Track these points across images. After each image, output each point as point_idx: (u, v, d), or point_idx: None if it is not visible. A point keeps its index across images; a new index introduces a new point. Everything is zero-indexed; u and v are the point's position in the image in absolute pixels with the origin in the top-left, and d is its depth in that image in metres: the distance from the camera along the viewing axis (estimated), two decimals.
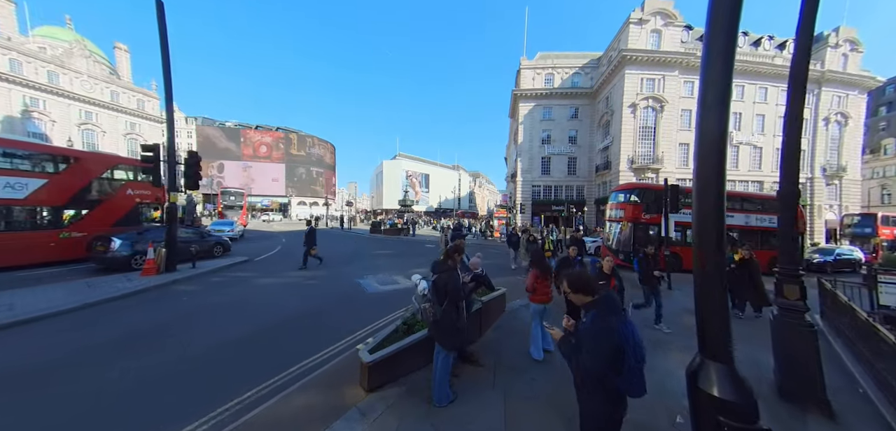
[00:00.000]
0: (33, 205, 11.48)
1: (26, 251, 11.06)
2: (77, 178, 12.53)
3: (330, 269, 12.10)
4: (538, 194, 42.28)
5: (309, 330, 5.94)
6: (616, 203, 15.61)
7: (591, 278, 2.22)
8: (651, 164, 33.56)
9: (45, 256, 11.44)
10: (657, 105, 33.36)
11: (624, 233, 14.25)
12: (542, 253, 5.44)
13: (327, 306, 7.43)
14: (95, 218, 12.80)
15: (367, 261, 14.19)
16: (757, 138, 38.01)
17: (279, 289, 9.07)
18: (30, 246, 11.12)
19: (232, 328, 6.14)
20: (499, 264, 14.41)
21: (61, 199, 12.09)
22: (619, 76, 33.50)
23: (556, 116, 41.17)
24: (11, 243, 10.65)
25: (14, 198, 10.92)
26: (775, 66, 36.52)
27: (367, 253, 16.62)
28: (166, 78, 10.88)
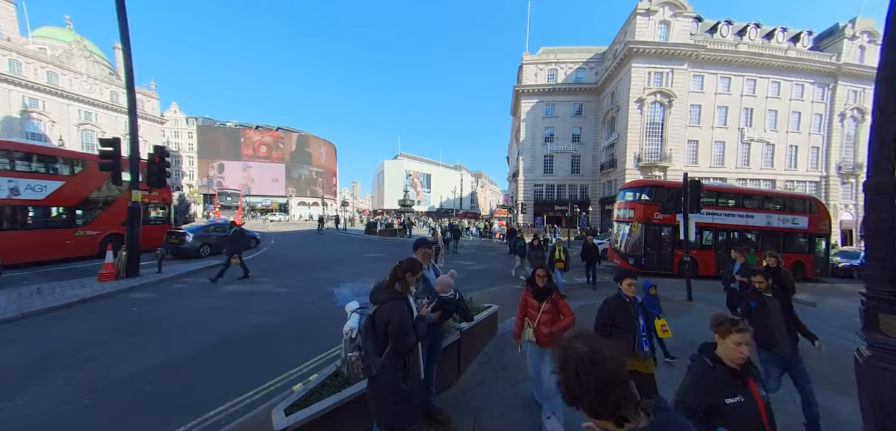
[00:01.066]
0: (51, 205, 12.29)
1: (45, 248, 11.78)
2: (90, 180, 13.13)
3: (307, 275, 11.04)
4: (541, 193, 41.02)
5: (247, 358, 4.86)
6: (625, 202, 14.38)
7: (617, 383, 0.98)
8: (658, 162, 32.21)
9: (62, 253, 12.17)
10: (665, 100, 31.99)
11: (634, 236, 13.02)
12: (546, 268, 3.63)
13: (285, 323, 6.34)
14: (107, 217, 13.58)
15: (351, 266, 13.09)
16: (769, 135, 36.47)
17: (241, 300, 8.01)
18: (48, 244, 11.77)
19: (165, 348, 5.15)
20: (497, 270, 13.26)
21: (76, 200, 12.84)
22: (626, 70, 32.17)
23: (559, 113, 39.91)
24: (32, 240, 11.50)
25: (35, 199, 11.75)
26: (789, 60, 34.99)
27: (355, 257, 15.52)
28: (127, 60, 9.85)
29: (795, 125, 37.00)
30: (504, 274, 12.15)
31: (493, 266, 13.92)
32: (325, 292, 8.62)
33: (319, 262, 14.13)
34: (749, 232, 13.88)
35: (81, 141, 59.42)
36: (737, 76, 34.44)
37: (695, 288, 9.34)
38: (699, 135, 34.45)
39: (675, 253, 12.84)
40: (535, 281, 3.45)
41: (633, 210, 13.20)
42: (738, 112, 35.19)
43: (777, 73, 35.41)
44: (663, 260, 12.78)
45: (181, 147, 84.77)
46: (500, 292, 9.12)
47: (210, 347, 5.21)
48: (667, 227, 12.88)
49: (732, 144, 35.62)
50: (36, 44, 62.39)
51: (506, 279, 11.15)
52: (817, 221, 14.83)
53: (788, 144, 37.15)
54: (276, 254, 16.53)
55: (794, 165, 37.39)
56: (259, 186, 79.21)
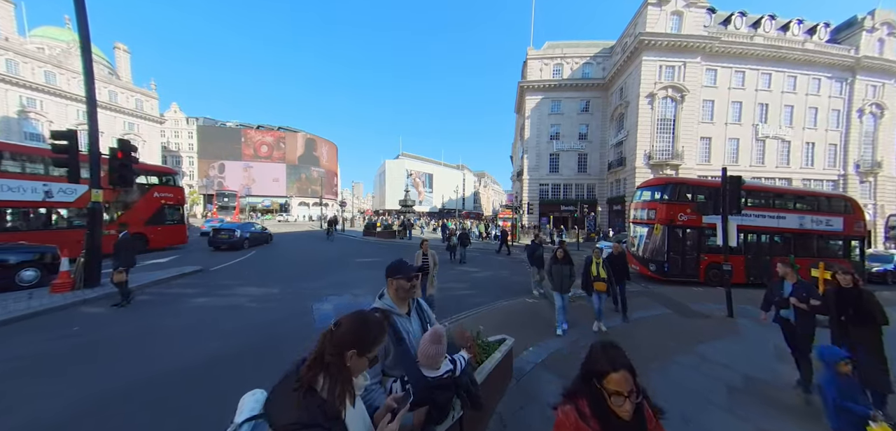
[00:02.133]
0: (80, 206, 12.81)
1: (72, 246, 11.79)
2: None
3: (292, 284, 9.87)
4: (546, 193, 39.73)
5: (173, 407, 3.65)
6: (643, 202, 13.10)
7: None
8: (670, 160, 30.83)
9: None
10: (677, 95, 30.61)
11: (654, 239, 11.74)
12: None
13: (243, 351, 5.15)
14: (130, 217, 13.89)
15: (342, 273, 11.90)
16: (785, 131, 34.99)
17: (206, 315, 6.86)
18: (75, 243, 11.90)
19: (84, 385, 4.08)
20: (504, 279, 11.99)
21: None
22: (636, 64, 30.82)
23: (565, 110, 38.58)
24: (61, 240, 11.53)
25: (66, 201, 12.75)
26: (806, 52, 33.49)
27: (348, 262, 14.34)
28: (82, 26, 8.73)
29: (812, 121, 35.49)
30: (513, 283, 10.88)
31: (499, 273, 12.67)
32: (303, 307, 7.44)
33: (310, 267, 13.02)
34: (780, 234, 12.59)
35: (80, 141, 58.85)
36: (751, 70, 33.00)
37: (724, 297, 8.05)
38: (712, 132, 33.02)
39: (701, 259, 11.57)
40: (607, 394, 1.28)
41: (654, 210, 11.92)
42: (752, 107, 33.75)
43: (793, 67, 33.92)
44: (688, 266, 11.51)
45: (181, 147, 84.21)
46: (512, 310, 7.65)
47: (137, 384, 4.06)
48: (692, 230, 11.61)
49: (747, 141, 34.18)
50: (34, 43, 61.94)
51: (515, 289, 9.92)
52: (852, 222, 13.52)
53: (804, 141, 35.65)
54: (268, 256, 15.59)
55: (810, 163, 35.88)
56: (260, 186, 78.50)
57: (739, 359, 5.09)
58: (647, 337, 5.97)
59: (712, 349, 5.39)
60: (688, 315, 7.60)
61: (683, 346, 5.51)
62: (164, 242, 16.05)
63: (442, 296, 8.47)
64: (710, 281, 11.55)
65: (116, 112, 63.74)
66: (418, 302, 2.08)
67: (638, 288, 10.77)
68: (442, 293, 8.84)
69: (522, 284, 10.45)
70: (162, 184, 16.35)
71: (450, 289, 9.37)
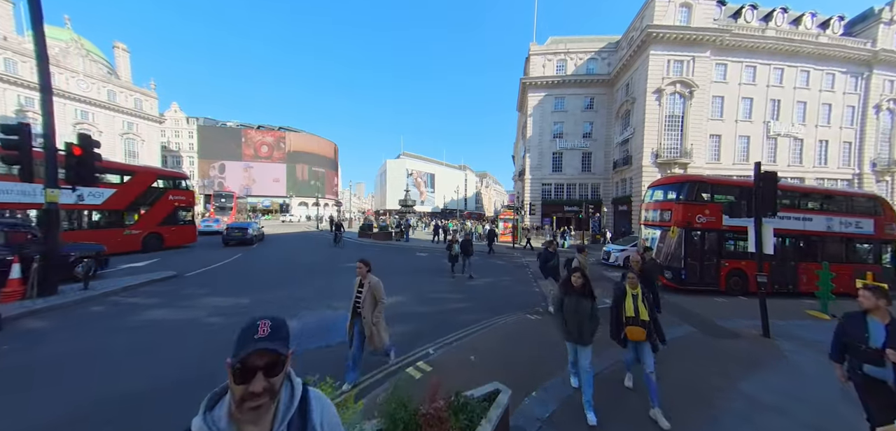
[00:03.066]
0: (107, 208, 14.52)
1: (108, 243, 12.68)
2: (135, 187, 15.59)
3: (268, 293, 8.98)
4: (549, 193, 38.65)
5: None
6: (656, 202, 12.08)
7: None
8: (678, 158, 29.67)
9: (112, 249, 12.89)
10: (686, 91, 29.45)
11: (670, 243, 10.72)
12: None
13: (174, 386, 4.20)
14: (148, 218, 15.94)
15: (328, 279, 10.98)
16: (797, 128, 33.69)
17: (153, 335, 5.98)
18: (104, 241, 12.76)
19: None
20: (505, 288, 11.02)
21: (124, 204, 15.12)
22: (643, 58, 29.68)
23: (568, 107, 37.48)
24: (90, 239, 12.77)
25: (95, 204, 14.06)
26: (820, 46, 32.18)
27: (336, 267, 13.40)
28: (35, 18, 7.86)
29: (826, 118, 34.18)
30: (514, 294, 9.84)
31: (499, 281, 11.69)
32: None
33: (295, 272, 12.17)
34: (806, 238, 11.53)
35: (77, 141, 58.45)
36: (763, 64, 31.75)
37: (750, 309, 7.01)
38: (722, 129, 31.82)
39: (722, 265, 10.54)
40: None
41: (670, 211, 10.89)
42: (763, 104, 32.50)
43: (806, 61, 32.63)
44: (707, 274, 10.48)
45: (182, 147, 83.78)
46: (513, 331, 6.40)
47: None
48: (711, 233, 10.58)
49: (758, 139, 32.93)
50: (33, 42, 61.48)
51: (517, 300, 8.91)
52: (883, 224, 12.43)
53: (818, 139, 34.33)
54: (254, 258, 14.86)
55: (823, 162, 34.58)
56: (260, 186, 77.93)
57: (797, 403, 4.09)
58: (678, 367, 4.94)
59: (760, 386, 4.39)
60: (716, 334, 6.59)
61: (723, 382, 4.52)
62: (176, 241, 17.32)
63: (430, 311, 7.50)
64: (731, 290, 10.54)
65: (115, 111, 63.23)
66: None
67: None
68: (431, 306, 7.88)
69: (525, 295, 9.53)
70: (176, 188, 17.69)
71: (440, 302, 8.45)
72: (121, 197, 14.93)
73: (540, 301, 8.84)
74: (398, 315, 7.07)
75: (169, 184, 17.46)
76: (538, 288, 10.39)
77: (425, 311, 7.40)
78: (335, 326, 6.33)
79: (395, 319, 6.80)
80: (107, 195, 14.35)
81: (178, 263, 12.77)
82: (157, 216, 16.35)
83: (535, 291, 10.00)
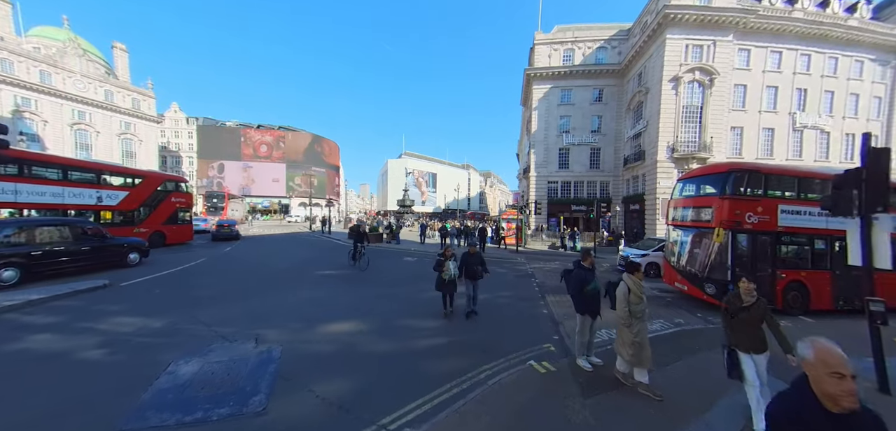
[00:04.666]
0: (120, 209, 15.90)
1: None
2: (144, 190, 17.10)
3: (199, 312, 7.07)
4: (555, 192, 36.37)
5: None
6: (687, 198, 9.90)
7: None
8: (696, 153, 27.27)
9: None
10: (705, 78, 27.02)
11: (711, 248, 8.52)
12: None
13: None
14: (155, 217, 17.35)
15: (285, 292, 8.98)
16: (824, 120, 31.02)
17: (13, 373, 4.05)
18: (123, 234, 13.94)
19: None
20: (504, 308, 8.89)
21: (136, 205, 16.55)
22: (659, 43, 27.29)
23: (576, 100, 35.16)
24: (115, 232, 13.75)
25: (111, 205, 15.50)
26: (849, 30, 29.52)
27: (306, 274, 11.42)
28: None
29: (853, 109, 31.49)
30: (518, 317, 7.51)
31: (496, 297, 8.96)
32: (166, 359, 4.57)
33: (253, 279, 10.42)
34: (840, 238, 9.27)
35: (75, 141, 57.70)
36: (789, 50, 29.19)
37: (818, 333, 4.78)
38: (744, 121, 29.31)
39: (778, 276, 8.34)
40: None
41: (710, 208, 8.69)
42: (789, 93, 29.94)
43: (835, 46, 29.98)
44: (760, 287, 8.24)
45: (181, 147, 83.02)
46: (510, 397, 4.01)
47: None
48: (765, 236, 8.38)
49: (782, 131, 30.36)
50: (31, 43, 61.00)
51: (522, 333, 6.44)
52: None
53: (844, 132, 31.64)
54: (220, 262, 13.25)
55: (849, 156, 31.84)
56: (259, 187, 76.77)
57: None
58: None
59: None
60: None
61: None
62: (177, 239, 18.56)
63: (391, 351, 5.33)
64: (789, 308, 8.34)
65: (112, 111, 62.34)
66: None
67: (694, 322, 7.60)
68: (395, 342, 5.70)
69: (530, 321, 7.13)
70: (177, 190, 19.04)
71: (409, 335, 6.07)
72: (132, 198, 16.46)
73: (549, 330, 6.58)
74: (344, 357, 5.07)
75: (172, 186, 18.90)
76: (547, 308, 8.11)
77: (384, 351, 5.32)
78: (254, 377, 4.33)
79: (337, 366, 4.78)
80: (121, 197, 15.97)
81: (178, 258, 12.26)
82: (162, 216, 17.78)
83: (542, 314, 7.70)
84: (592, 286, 4.91)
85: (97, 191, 14.88)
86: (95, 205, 14.80)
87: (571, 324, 5.69)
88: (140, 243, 12.74)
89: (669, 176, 28.08)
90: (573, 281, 5.11)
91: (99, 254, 10.95)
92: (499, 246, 22.41)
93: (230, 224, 22.94)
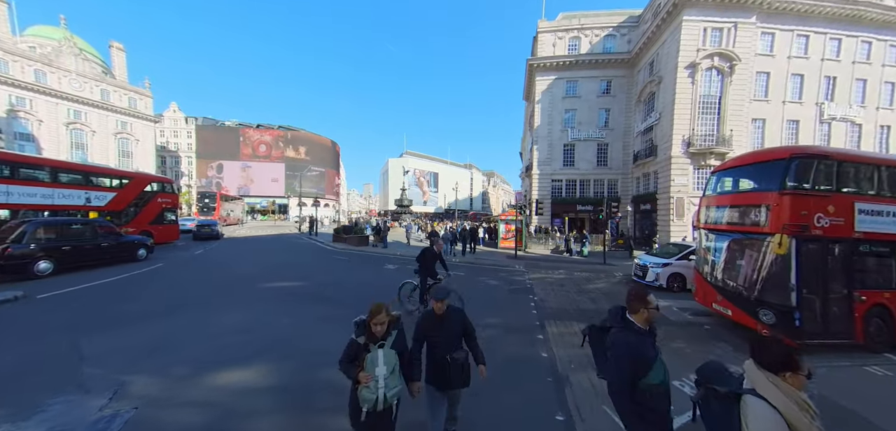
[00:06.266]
0: (108, 210, 16.16)
1: None
2: (132, 191, 17.42)
3: (94, 340, 5.29)
4: (559, 191, 34.11)
5: None
6: (725, 194, 7.77)
7: None
8: (714, 147, 24.93)
9: None
10: (725, 65, 24.64)
11: (762, 260, 6.40)
12: None
13: None
14: (141, 217, 17.51)
15: (208, 314, 7.09)
16: (855, 111, 28.39)
17: None
18: None
19: None
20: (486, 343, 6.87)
21: (123, 205, 16.84)
22: (674, 27, 24.97)
23: (582, 92, 32.87)
24: None
25: (99, 206, 15.85)
26: (887, 11, 26.83)
27: (249, 290, 9.38)
28: None
29: (888, 99, 28.81)
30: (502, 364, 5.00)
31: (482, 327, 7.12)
32: None
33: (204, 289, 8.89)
34: None
35: (70, 141, 56.94)
36: (817, 33, 26.63)
37: None
38: (767, 112, 26.83)
39: (857, 298, 6.17)
40: None
41: (764, 207, 6.52)
42: (817, 81, 27.37)
43: (869, 29, 27.32)
44: (835, 314, 6.14)
45: (180, 147, 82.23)
46: None
47: None
48: (838, 243, 6.24)
49: (808, 124, 27.80)
50: (27, 42, 60.45)
51: (524, 389, 4.34)
52: None
53: (878, 124, 28.97)
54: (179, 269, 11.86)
55: (884, 151, 29.13)
56: (258, 187, 75.66)
57: None
58: None
59: None
60: None
61: None
62: (163, 238, 18.51)
63: None
64: (872, 342, 6.21)
65: (108, 111, 61.52)
66: None
67: None
68: (294, 421, 3.71)
69: (527, 376, 4.84)
70: (163, 191, 19.27)
71: (326, 403, 3.92)
72: (120, 199, 16.71)
73: (549, 395, 4.25)
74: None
75: (158, 187, 19.09)
76: (546, 346, 5.87)
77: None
78: None
79: None
80: (109, 198, 16.20)
81: None
82: (149, 216, 18.01)
83: (541, 358, 5.44)
84: (657, 376, 2.21)
85: (86, 193, 15.23)
86: (84, 205, 15.06)
87: (584, 383, 3.59)
88: (147, 240, 13.87)
89: (684, 172, 25.73)
90: (616, 361, 2.30)
91: (115, 250, 12.15)
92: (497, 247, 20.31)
93: (211, 224, 23.78)
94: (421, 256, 7.20)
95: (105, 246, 11.83)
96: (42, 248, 9.97)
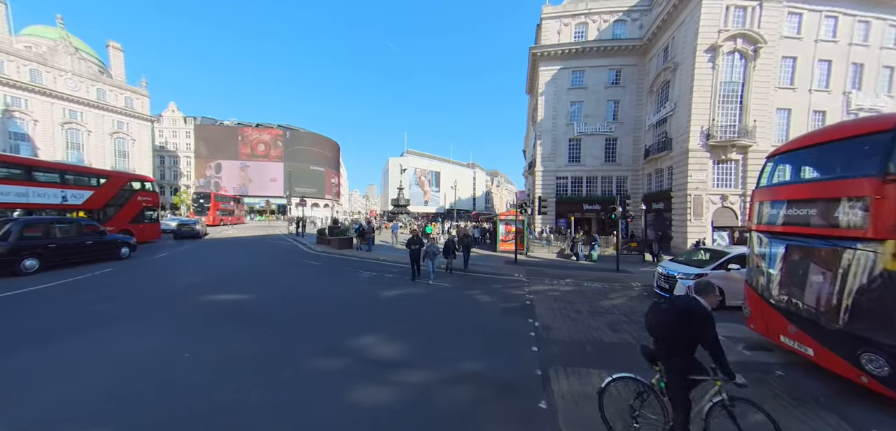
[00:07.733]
0: (85, 208, 16.12)
1: None
2: (110, 189, 17.51)
3: None
4: (564, 188, 32.03)
5: None
6: (798, 183, 5.81)
7: None
8: (736, 139, 22.77)
9: None
10: (749, 49, 22.43)
11: (855, 278, 4.42)
12: None
13: None
14: (120, 216, 17.59)
15: (102, 345, 5.40)
16: (883, 101, 26.00)
17: None
18: None
19: None
20: (450, 384, 5.02)
21: (100, 204, 16.88)
22: (693, 5, 22.79)
23: (589, 82, 30.75)
24: None
25: (76, 204, 15.71)
26: None
27: (183, 304, 7.63)
28: None
29: None
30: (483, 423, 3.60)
31: (457, 379, 4.64)
32: None
33: (136, 302, 7.21)
34: None
35: (66, 140, 56.12)
36: (847, 15, 24.30)
37: None
38: (792, 101, 24.54)
39: None
40: None
41: (859, 201, 4.54)
42: (844, 68, 25.05)
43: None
44: None
45: (179, 147, 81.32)
46: None
47: None
48: None
49: (835, 114, 25.44)
50: (22, 42, 59.78)
51: None
52: None
53: None
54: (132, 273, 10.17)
55: None
56: (257, 186, 74.49)
57: None
58: None
59: None
60: None
61: None
62: (144, 237, 18.30)
63: None
64: None
65: (105, 110, 60.65)
66: None
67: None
68: None
69: None
70: (143, 190, 19.14)
71: None
72: (98, 197, 16.54)
73: None
74: None
75: (138, 186, 18.97)
76: (544, 401, 4.09)
77: None
78: None
79: None
80: (86, 196, 15.98)
81: None
82: (128, 215, 17.89)
83: (540, 410, 3.90)
84: None
85: (62, 191, 15.05)
86: (60, 204, 14.90)
87: None
88: (130, 239, 14.02)
89: (703, 167, 23.56)
90: None
91: (98, 248, 12.29)
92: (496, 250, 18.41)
93: (191, 223, 24.05)
94: None
95: (89, 245, 11.92)
96: (28, 246, 10.09)
